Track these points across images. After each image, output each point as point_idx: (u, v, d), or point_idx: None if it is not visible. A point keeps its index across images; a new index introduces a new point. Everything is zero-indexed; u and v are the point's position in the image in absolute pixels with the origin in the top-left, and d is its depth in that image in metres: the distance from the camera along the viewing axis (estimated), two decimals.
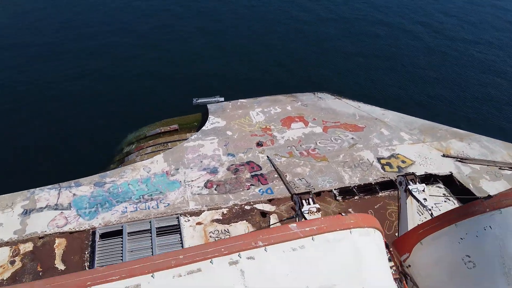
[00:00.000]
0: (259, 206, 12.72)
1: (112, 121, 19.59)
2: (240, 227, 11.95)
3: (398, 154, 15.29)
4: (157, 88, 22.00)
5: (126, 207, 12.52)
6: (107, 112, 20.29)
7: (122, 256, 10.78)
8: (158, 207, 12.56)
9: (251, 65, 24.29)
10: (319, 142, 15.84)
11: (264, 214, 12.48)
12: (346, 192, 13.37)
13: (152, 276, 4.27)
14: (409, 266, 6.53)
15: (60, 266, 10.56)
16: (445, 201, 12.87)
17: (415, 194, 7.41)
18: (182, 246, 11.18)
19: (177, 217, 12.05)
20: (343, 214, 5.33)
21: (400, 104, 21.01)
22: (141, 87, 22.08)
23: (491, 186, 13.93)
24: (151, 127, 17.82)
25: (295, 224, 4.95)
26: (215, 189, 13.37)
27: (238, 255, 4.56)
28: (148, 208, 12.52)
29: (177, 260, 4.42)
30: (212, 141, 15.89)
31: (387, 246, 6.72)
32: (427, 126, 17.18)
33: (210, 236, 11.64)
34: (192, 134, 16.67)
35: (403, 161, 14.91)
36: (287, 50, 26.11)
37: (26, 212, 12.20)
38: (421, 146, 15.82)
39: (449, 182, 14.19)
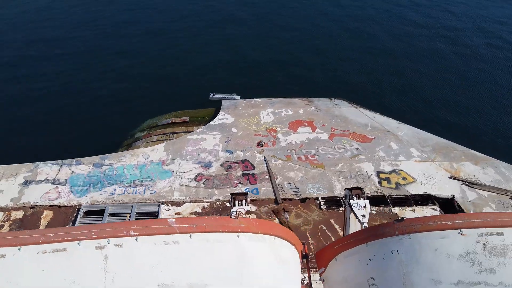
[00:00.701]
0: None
1: (134, 107, 20.52)
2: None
3: (401, 170, 14.65)
4: (179, 80, 22.71)
5: (115, 189, 13.14)
6: (131, 99, 21.28)
7: None
8: (144, 193, 13.05)
9: (273, 66, 24.29)
10: (321, 149, 15.58)
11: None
12: (333, 201, 13.07)
13: (19, 249, 4.57)
14: (323, 281, 6.37)
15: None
16: None
17: (355, 209, 7.17)
18: None
19: (158, 205, 12.45)
20: (233, 216, 5.33)
21: (423, 119, 20.05)
22: (164, 78, 22.91)
23: None
24: (164, 117, 18.45)
25: (173, 219, 5.04)
26: (203, 183, 13.63)
27: (107, 241, 4.74)
28: (135, 193, 13.04)
29: (47, 237, 4.69)
30: (215, 136, 16.17)
31: (306, 257, 6.60)
32: (442, 144, 16.29)
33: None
34: (200, 127, 17.05)
35: (404, 178, 14.28)
36: (314, 55, 25.76)
37: (26, 183, 13.19)
38: (429, 164, 15.04)
39: (449, 206, 13.39)
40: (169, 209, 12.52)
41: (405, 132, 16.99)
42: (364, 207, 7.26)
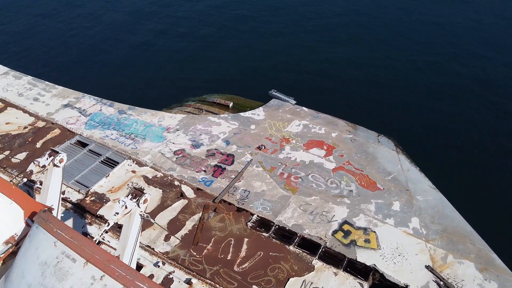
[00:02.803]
0: (185, 188, 13.40)
1: (209, 81, 22.56)
2: (153, 192, 13.10)
3: (373, 232, 12.58)
4: (260, 70, 23.54)
5: (112, 134, 15.42)
6: (213, 74, 23.43)
7: (70, 161, 13.82)
8: (127, 146, 14.94)
9: (355, 84, 22.54)
10: (312, 176, 14.51)
11: (181, 194, 13.15)
12: (263, 224, 12.39)
13: None
14: None
15: (38, 145, 14.49)
16: None
17: (117, 205, 7.31)
18: (105, 177, 13.36)
19: (124, 159, 14.14)
20: None
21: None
22: (250, 64, 24.10)
23: None
24: (214, 96, 19.80)
25: None
26: (177, 158, 14.65)
27: None
28: (121, 143, 15.06)
29: None
30: (230, 125, 16.73)
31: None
32: (460, 231, 13.01)
33: (127, 184, 13.32)
34: (228, 113, 17.82)
35: (367, 241, 12.27)
36: (403, 87, 22.62)
37: (66, 105, 16.69)
38: (416, 242, 12.40)
39: None
40: (130, 165, 14.09)
41: (428, 199, 14.10)
42: (126, 207, 7.28)
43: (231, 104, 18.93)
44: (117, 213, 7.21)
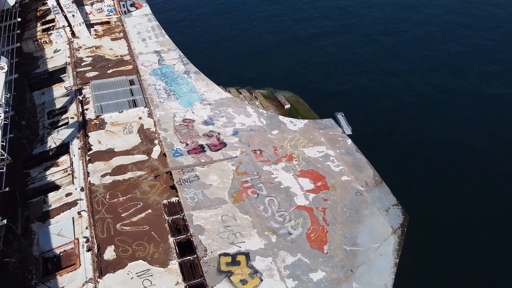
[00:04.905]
0: (156, 148, 14.74)
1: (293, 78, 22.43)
2: (134, 139, 15.04)
3: (260, 279, 11.27)
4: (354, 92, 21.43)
5: (160, 85, 17.84)
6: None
7: (111, 90, 17.09)
8: (159, 98, 17.09)
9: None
10: (270, 199, 13.56)
11: (148, 153, 14.62)
12: (174, 209, 12.74)
13: None
14: None
15: (109, 71, 18.19)
16: None
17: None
18: (118, 110, 16.06)
19: (145, 106, 16.40)
20: None
21: None
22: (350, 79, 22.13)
23: None
24: (283, 93, 19.69)
25: None
26: (179, 124, 15.97)
27: None
28: (158, 95, 17.27)
29: None
30: (256, 122, 16.66)
31: None
32: None
33: (125, 124, 15.65)
34: (272, 112, 17.73)
35: (244, 281, 11.10)
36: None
37: (157, 51, 19.88)
38: None
39: None
40: (143, 113, 16.26)
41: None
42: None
43: (287, 106, 18.55)
44: None
